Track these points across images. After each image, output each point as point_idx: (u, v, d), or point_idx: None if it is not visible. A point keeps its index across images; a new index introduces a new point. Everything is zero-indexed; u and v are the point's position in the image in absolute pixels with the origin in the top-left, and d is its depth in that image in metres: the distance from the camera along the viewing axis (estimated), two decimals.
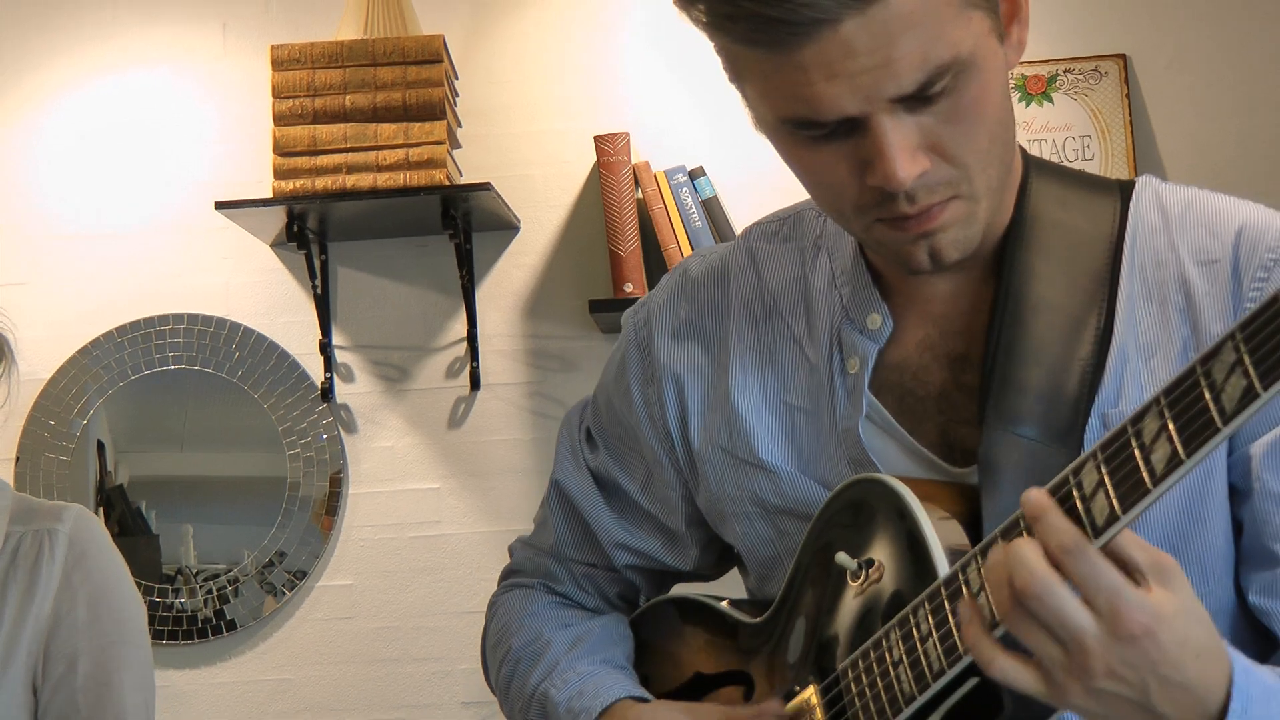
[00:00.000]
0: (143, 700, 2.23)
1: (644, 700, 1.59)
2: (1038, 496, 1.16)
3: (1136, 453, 1.11)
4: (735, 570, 1.76)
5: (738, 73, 1.39)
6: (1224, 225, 1.46)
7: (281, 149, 3.59)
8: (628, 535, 1.72)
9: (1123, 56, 3.79)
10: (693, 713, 1.53)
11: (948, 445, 1.48)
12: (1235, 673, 1.20)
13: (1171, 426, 1.09)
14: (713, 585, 1.80)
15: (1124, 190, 1.52)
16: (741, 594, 1.71)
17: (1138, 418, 1.11)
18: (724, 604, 1.67)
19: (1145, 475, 1.11)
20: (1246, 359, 1.05)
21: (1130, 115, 3.78)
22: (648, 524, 1.71)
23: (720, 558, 1.72)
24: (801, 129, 1.34)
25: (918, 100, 1.30)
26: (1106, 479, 1.13)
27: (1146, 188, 1.51)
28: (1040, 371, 1.42)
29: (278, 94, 3.61)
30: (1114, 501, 1.12)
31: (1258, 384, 1.04)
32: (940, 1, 1.28)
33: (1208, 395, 1.06)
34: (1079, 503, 1.15)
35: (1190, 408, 1.07)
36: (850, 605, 1.44)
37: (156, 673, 3.63)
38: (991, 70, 1.34)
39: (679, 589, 1.79)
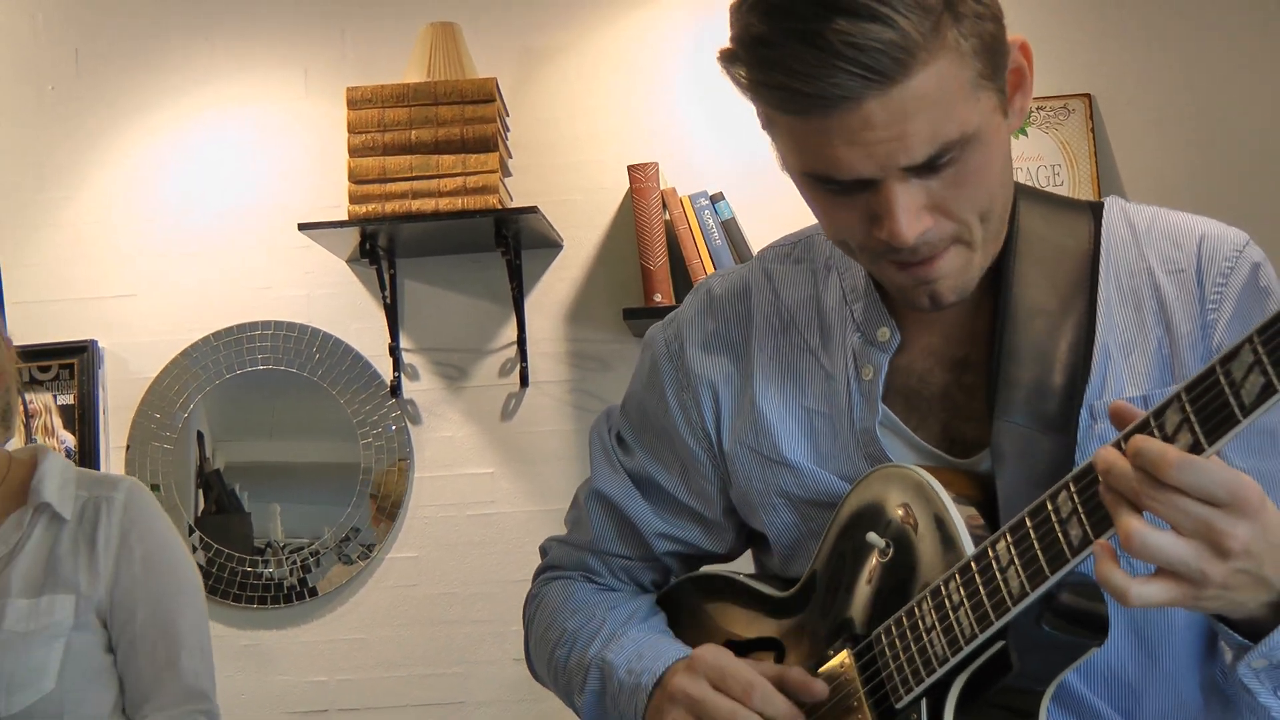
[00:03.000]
0: (196, 642, 2.24)
1: None
2: (1135, 438, 1.15)
3: (1226, 388, 1.11)
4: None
5: (769, 125, 1.40)
6: (1186, 237, 1.47)
7: (356, 177, 3.66)
8: (668, 526, 1.69)
9: (1088, 96, 3.81)
10: (751, 660, 1.51)
11: (949, 440, 1.48)
12: None
13: (1266, 360, 1.09)
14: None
15: (1094, 209, 1.53)
16: (750, 571, 1.70)
17: (1202, 378, 1.12)
18: (745, 579, 1.65)
19: (1234, 407, 1.10)
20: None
21: (1095, 147, 3.80)
22: (686, 514, 1.68)
23: (748, 543, 1.71)
24: (822, 182, 1.35)
25: (926, 169, 1.31)
26: (1190, 413, 1.13)
27: (1114, 206, 1.52)
28: (1035, 370, 1.42)
29: (352, 130, 3.67)
30: (1199, 435, 1.12)
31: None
32: (953, 85, 1.28)
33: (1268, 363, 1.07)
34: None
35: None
36: (879, 579, 1.43)
37: (249, 633, 3.82)
38: (994, 143, 1.35)
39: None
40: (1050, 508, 1.23)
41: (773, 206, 3.53)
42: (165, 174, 4.02)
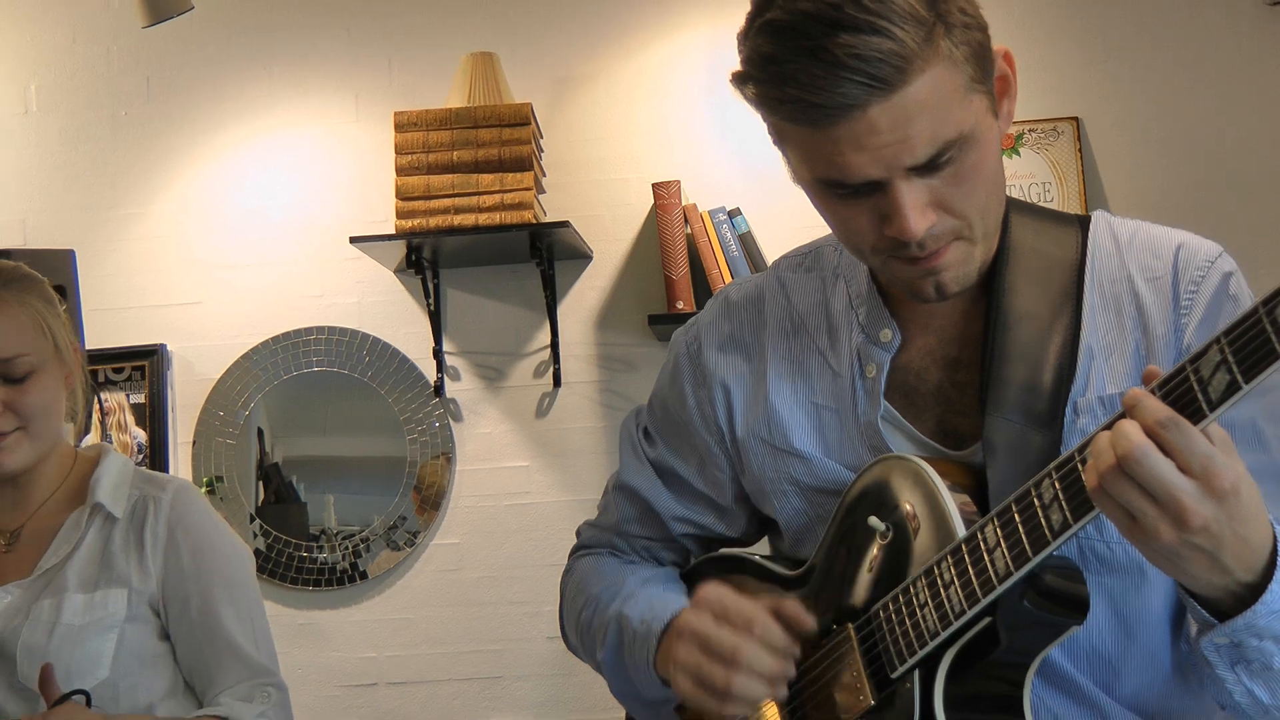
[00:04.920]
0: (251, 623, 2.22)
1: None
2: (1135, 390, 1.16)
3: (1195, 385, 1.13)
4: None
5: (781, 138, 1.41)
6: (1164, 248, 1.48)
7: (402, 195, 3.69)
8: (685, 510, 1.70)
9: (1076, 119, 3.83)
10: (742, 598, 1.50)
11: (944, 433, 1.48)
12: (1278, 534, 1.22)
13: (1232, 360, 1.10)
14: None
15: (1082, 222, 1.53)
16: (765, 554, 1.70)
17: (1199, 355, 1.13)
18: (758, 558, 1.66)
19: (1202, 403, 1.13)
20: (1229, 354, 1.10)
21: (1082, 166, 3.80)
22: (701, 501, 1.69)
23: (760, 527, 1.71)
24: (832, 187, 1.37)
25: (928, 168, 1.32)
26: (1192, 380, 1.14)
27: (1100, 219, 1.53)
28: (1024, 370, 1.43)
29: (399, 151, 3.70)
30: (1210, 394, 1.12)
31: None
32: (948, 89, 1.31)
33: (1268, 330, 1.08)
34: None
35: (1250, 343, 1.09)
36: (879, 559, 1.44)
37: (304, 613, 3.90)
38: (988, 141, 1.36)
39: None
40: (1034, 494, 1.25)
41: (786, 221, 3.65)
42: (228, 191, 4.05)
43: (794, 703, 1.50)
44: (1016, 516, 1.27)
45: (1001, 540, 1.28)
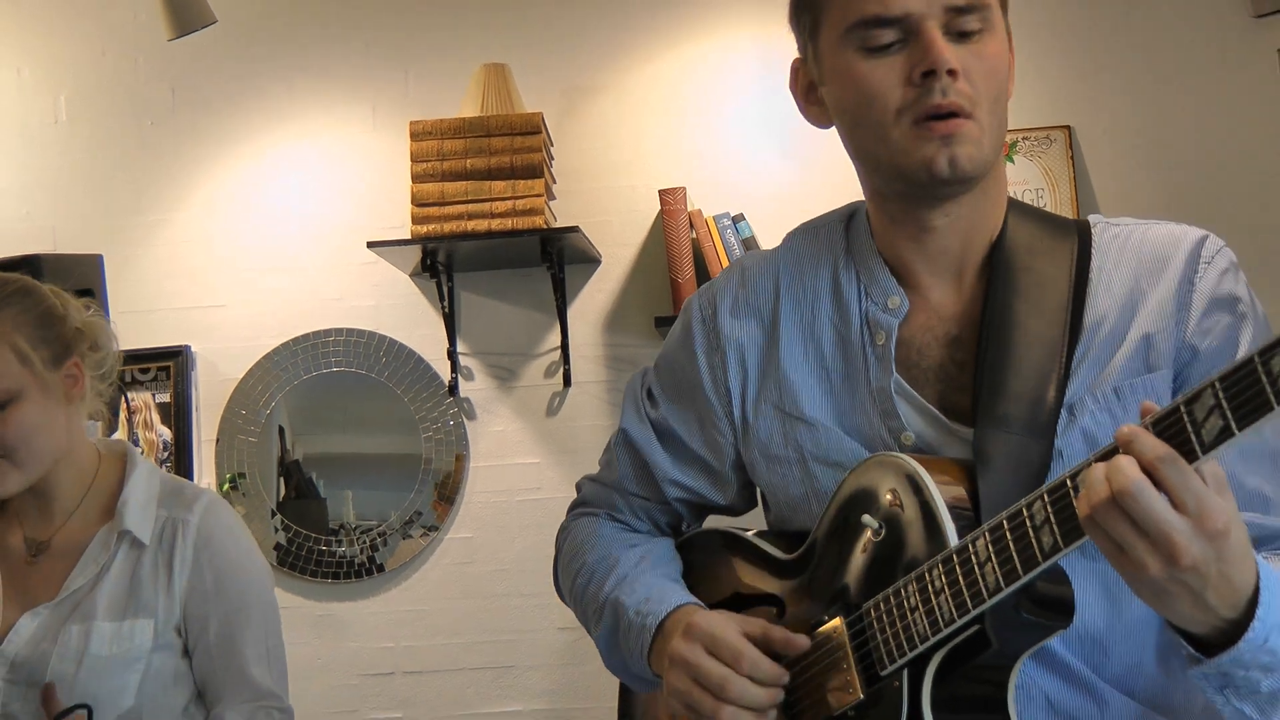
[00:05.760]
0: (265, 648, 2.20)
1: (701, 607, 1.57)
2: (1129, 426, 1.14)
3: (1188, 426, 1.12)
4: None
5: (817, 16, 1.48)
6: (1165, 243, 1.47)
7: (418, 201, 3.70)
8: (679, 474, 1.70)
9: (1068, 127, 3.84)
10: (741, 621, 1.51)
11: (944, 407, 1.47)
12: (1262, 572, 1.19)
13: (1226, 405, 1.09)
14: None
15: (1080, 225, 1.53)
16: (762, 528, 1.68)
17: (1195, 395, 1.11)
18: (753, 536, 1.64)
19: (1195, 444, 1.12)
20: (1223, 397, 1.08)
21: (1074, 172, 3.82)
22: (696, 465, 1.69)
23: (751, 498, 1.71)
24: (870, 30, 1.41)
25: (961, 32, 1.40)
26: (1186, 420, 1.12)
27: (1099, 223, 1.53)
28: (1018, 379, 1.42)
29: (415, 159, 3.71)
30: (1203, 436, 1.11)
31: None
32: None
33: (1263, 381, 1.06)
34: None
35: (1245, 390, 1.08)
36: (871, 556, 1.43)
37: (324, 604, 3.91)
38: (1004, 46, 1.44)
39: (713, 522, 1.77)
40: (1026, 514, 1.24)
41: (786, 225, 3.44)
42: (250, 198, 4.07)
43: (787, 692, 1.51)
44: (1008, 534, 1.27)
45: (993, 555, 1.27)
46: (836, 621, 1.45)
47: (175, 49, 3.92)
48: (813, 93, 1.54)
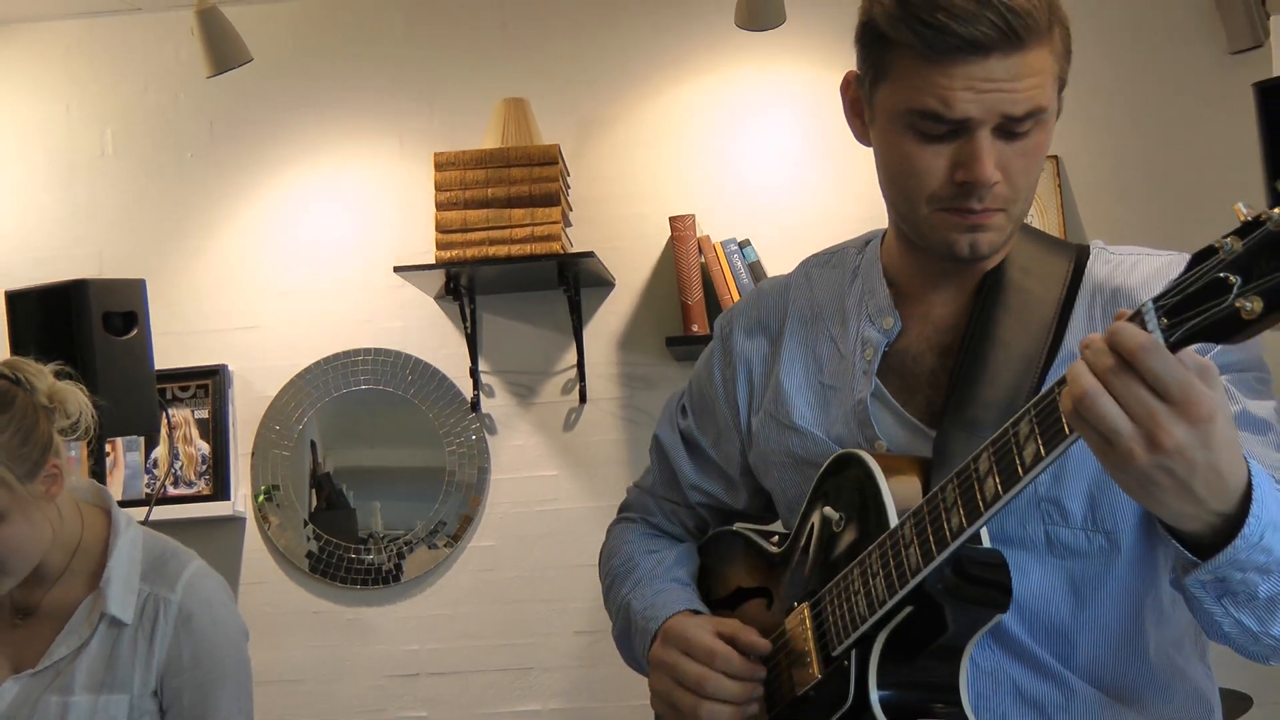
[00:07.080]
0: (237, 711, 2.17)
1: (696, 613, 1.61)
2: (1112, 325, 1.11)
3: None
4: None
5: (881, 72, 1.43)
6: (1153, 273, 1.46)
7: (442, 228, 3.75)
8: (700, 480, 1.75)
9: (1056, 157, 3.85)
10: (715, 623, 1.57)
11: (931, 414, 1.49)
12: (1253, 469, 1.16)
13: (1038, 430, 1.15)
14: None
15: (1079, 250, 1.53)
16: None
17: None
18: (756, 535, 1.69)
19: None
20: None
21: (1061, 200, 3.85)
22: (715, 472, 1.74)
23: (765, 503, 1.73)
24: (926, 120, 1.39)
25: (1011, 131, 1.37)
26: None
27: (1098, 249, 1.53)
28: (991, 389, 1.43)
29: (439, 188, 3.77)
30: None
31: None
32: (1049, 68, 1.38)
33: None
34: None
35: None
36: (833, 545, 1.49)
37: (352, 609, 3.98)
38: (1049, 135, 1.43)
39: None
40: (939, 497, 1.29)
41: (791, 250, 3.41)
42: (284, 225, 4.12)
43: (767, 680, 1.57)
44: (926, 516, 1.31)
45: (915, 538, 1.32)
46: (804, 608, 1.51)
47: (214, 86, 3.96)
48: (859, 113, 1.52)
